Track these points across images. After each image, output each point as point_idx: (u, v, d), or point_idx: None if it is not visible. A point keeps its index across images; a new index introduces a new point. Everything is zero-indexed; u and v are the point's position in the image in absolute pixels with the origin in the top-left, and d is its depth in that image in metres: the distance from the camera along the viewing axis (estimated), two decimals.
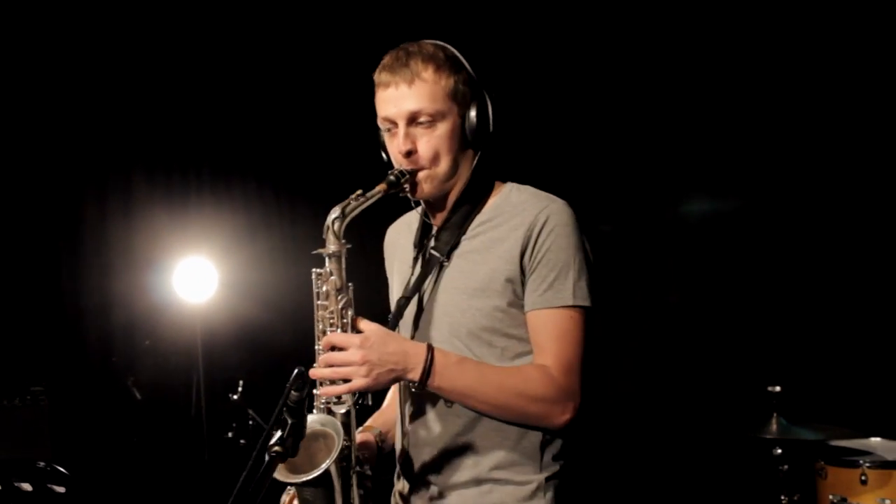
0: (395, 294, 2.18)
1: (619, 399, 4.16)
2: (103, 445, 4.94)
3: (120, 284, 5.26)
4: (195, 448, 5.04)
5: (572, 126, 5.00)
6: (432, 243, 2.06)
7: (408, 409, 2.07)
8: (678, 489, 4.49)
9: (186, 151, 5.63)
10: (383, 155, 2.11)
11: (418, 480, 2.03)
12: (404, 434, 2.08)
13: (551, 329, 1.91)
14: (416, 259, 2.10)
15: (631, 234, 4.98)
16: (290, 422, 1.52)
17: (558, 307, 1.91)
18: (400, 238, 2.22)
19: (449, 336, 1.98)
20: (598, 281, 1.97)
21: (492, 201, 2.04)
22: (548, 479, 1.95)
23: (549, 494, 1.94)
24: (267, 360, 5.43)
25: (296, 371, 1.56)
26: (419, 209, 2.14)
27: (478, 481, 1.96)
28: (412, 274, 2.08)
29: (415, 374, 1.84)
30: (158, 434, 5.12)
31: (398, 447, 2.11)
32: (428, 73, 1.95)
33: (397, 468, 2.12)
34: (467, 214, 2.03)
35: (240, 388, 5.05)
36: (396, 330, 2.06)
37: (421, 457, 2.02)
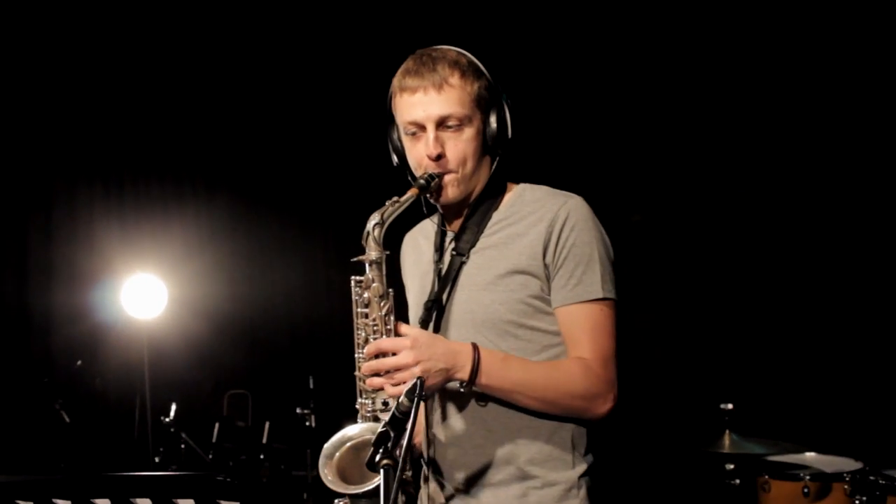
0: (414, 299, 2.17)
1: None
2: (33, 472, 4.68)
3: (65, 303, 5.07)
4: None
5: (596, 122, 5.06)
6: (452, 245, 2.07)
7: (435, 413, 2.06)
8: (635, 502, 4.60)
9: (133, 168, 5.53)
10: (393, 157, 2.11)
11: (451, 482, 2.02)
12: (432, 438, 2.07)
13: (585, 323, 1.95)
14: (437, 263, 2.10)
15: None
16: (392, 433, 1.51)
17: (589, 301, 1.95)
18: (415, 246, 2.23)
19: (474, 333, 1.98)
20: (617, 273, 2.03)
21: (506, 200, 2.08)
22: (580, 477, 1.98)
23: (583, 492, 1.98)
24: (216, 377, 5.31)
25: (417, 380, 1.56)
26: (434, 217, 2.15)
27: (513, 479, 1.96)
28: (435, 278, 2.09)
29: (464, 374, 1.85)
30: (93, 459, 4.89)
31: (426, 451, 2.09)
32: (455, 79, 1.97)
33: (424, 471, 2.10)
34: (485, 214, 2.06)
35: (172, 411, 4.89)
36: (428, 330, 2.04)
37: (452, 458, 2.01)
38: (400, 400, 1.60)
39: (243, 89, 5.65)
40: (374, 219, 1.90)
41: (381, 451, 1.52)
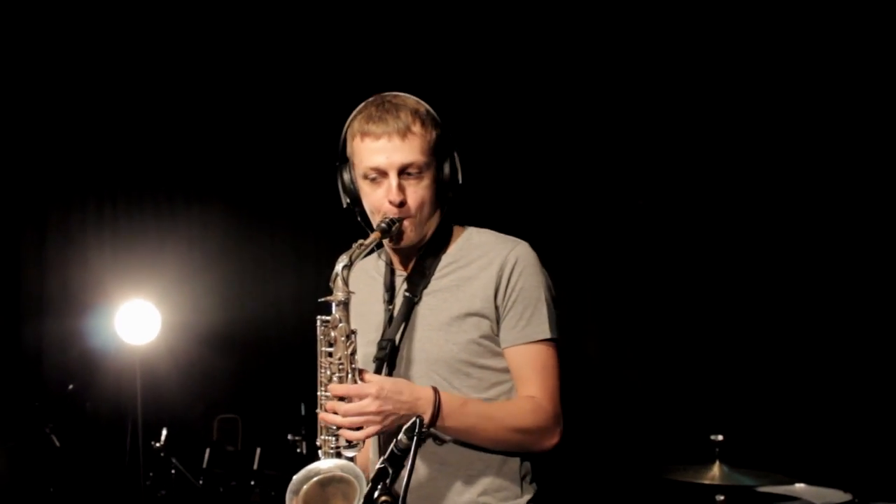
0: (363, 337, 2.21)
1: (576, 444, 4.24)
2: (23, 495, 4.70)
3: (58, 328, 5.11)
4: (128, 498, 4.84)
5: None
6: (405, 286, 2.16)
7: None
8: None
9: (126, 196, 5.62)
10: (344, 199, 2.19)
11: None
12: None
13: (534, 362, 2.08)
14: (388, 303, 2.18)
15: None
16: (390, 471, 1.54)
17: (537, 341, 2.08)
18: (358, 283, 2.24)
19: (427, 370, 2.08)
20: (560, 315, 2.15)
21: (455, 244, 2.18)
22: (528, 502, 2.10)
23: None
24: (207, 402, 5.35)
25: (414, 419, 1.60)
26: (381, 256, 2.24)
27: None
28: (387, 316, 2.16)
29: (425, 418, 1.92)
30: (83, 484, 4.89)
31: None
32: (417, 127, 2.05)
33: None
34: (435, 257, 2.16)
35: (163, 436, 4.90)
36: (383, 370, 2.12)
37: (423, 485, 2.07)
38: (399, 438, 1.65)
39: (234, 116, 5.71)
40: (343, 261, 1.98)
41: (379, 487, 1.55)
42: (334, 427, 1.95)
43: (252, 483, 4.92)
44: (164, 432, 4.89)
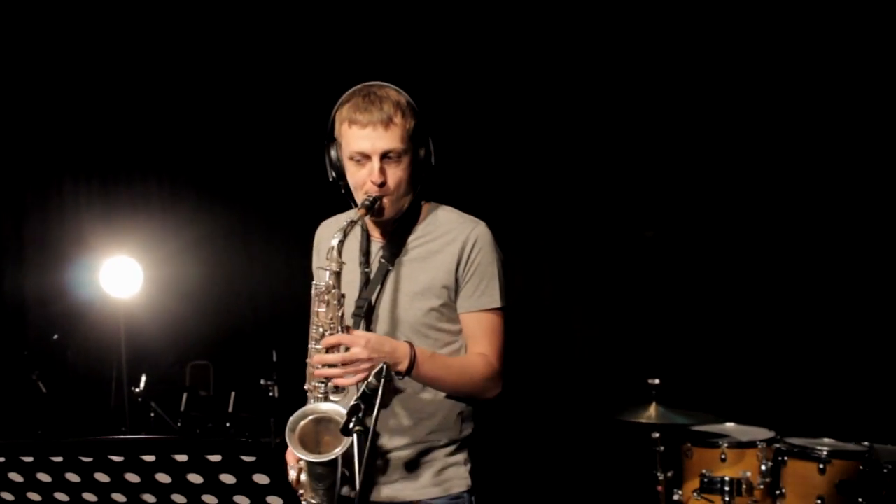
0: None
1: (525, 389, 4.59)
2: (11, 437, 4.97)
3: (46, 282, 5.35)
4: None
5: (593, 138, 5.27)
6: (381, 253, 2.49)
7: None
8: (569, 467, 5.03)
9: (112, 155, 5.76)
10: (331, 173, 2.50)
11: (389, 442, 2.47)
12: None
13: (485, 326, 2.46)
14: (363, 266, 2.51)
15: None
16: (362, 406, 1.88)
17: (488, 309, 2.45)
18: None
19: (393, 330, 2.42)
20: (510, 286, 2.50)
21: (423, 218, 2.51)
22: (465, 439, 2.51)
23: (466, 450, 2.51)
24: (191, 351, 5.61)
25: (381, 366, 1.95)
26: (354, 217, 2.43)
27: (421, 441, 2.45)
28: (364, 279, 2.50)
29: (403, 367, 2.30)
30: (68, 427, 5.18)
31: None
32: (398, 118, 2.35)
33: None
34: (407, 229, 2.49)
35: (142, 383, 5.19)
36: (360, 326, 2.45)
37: (391, 427, 2.47)
38: (369, 380, 2.00)
39: (220, 79, 5.89)
40: (338, 236, 2.30)
41: (353, 420, 1.88)
42: (323, 377, 2.28)
43: (228, 425, 5.24)
44: (143, 379, 5.20)
